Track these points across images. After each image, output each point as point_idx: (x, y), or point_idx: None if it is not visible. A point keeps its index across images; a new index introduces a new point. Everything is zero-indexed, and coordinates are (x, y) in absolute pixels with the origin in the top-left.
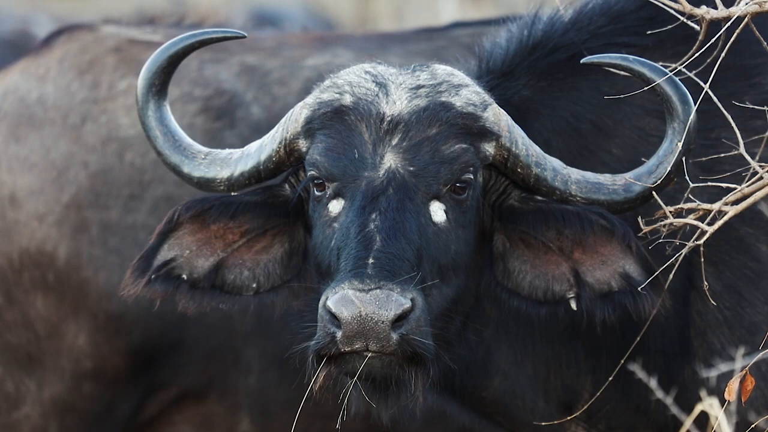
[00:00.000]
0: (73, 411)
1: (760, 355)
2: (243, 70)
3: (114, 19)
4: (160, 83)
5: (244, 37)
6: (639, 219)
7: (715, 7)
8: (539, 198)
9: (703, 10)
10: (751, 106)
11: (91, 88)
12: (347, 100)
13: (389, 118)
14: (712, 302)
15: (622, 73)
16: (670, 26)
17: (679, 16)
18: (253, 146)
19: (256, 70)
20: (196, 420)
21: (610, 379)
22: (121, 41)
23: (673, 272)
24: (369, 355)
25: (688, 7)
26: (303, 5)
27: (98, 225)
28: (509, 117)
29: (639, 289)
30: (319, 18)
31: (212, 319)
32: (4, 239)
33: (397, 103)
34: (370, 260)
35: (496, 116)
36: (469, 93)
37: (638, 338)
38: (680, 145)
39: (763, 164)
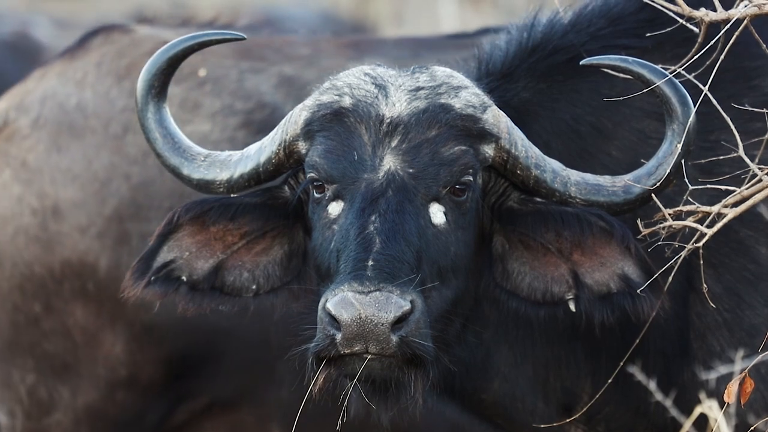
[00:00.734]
0: (105, 418)
1: (759, 358)
2: (281, 81)
3: (148, 19)
4: (160, 85)
5: (244, 39)
6: (638, 221)
7: (715, 10)
8: (538, 200)
9: (702, 13)
10: (751, 109)
11: (130, 96)
12: (347, 102)
13: (389, 120)
14: (712, 304)
15: (622, 75)
16: (670, 28)
17: (679, 19)
18: (253, 148)
19: (293, 82)
20: (225, 428)
21: (610, 381)
22: (158, 44)
23: (672, 274)
24: (369, 357)
25: (687, 10)
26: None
27: (139, 237)
28: (509, 119)
29: (638, 290)
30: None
31: (248, 331)
32: (45, 250)
33: (397, 105)
34: (370, 262)
35: (496, 118)
36: (468, 95)
37: (638, 340)
38: (680, 147)
39: (762, 167)
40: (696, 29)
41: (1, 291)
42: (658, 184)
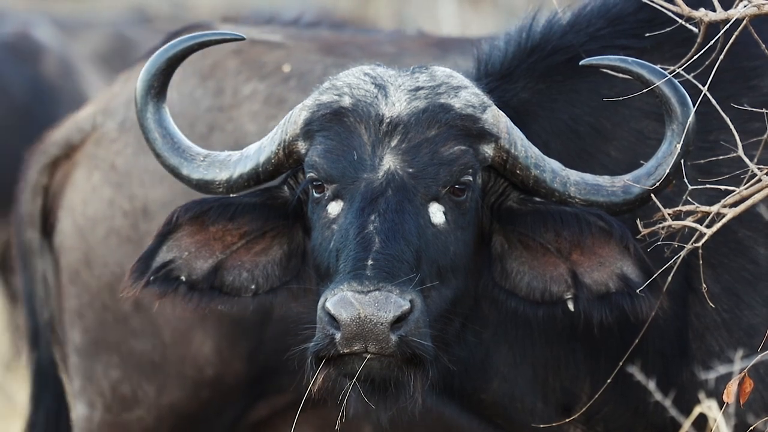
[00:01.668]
0: (187, 416)
1: (758, 358)
2: None
3: (231, 18)
4: (159, 85)
5: (243, 39)
6: (637, 221)
7: (714, 10)
8: (538, 199)
9: (701, 13)
10: (750, 109)
11: (215, 95)
12: (346, 101)
13: (388, 120)
14: (711, 304)
15: (621, 75)
16: (669, 29)
17: (678, 19)
18: (252, 148)
19: None
20: (316, 423)
21: (609, 381)
22: (241, 42)
23: (671, 274)
24: (368, 356)
25: (686, 10)
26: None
27: None
28: (508, 119)
29: (637, 290)
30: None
31: None
32: (137, 250)
33: (396, 105)
34: (369, 262)
35: (495, 118)
36: (468, 95)
37: (637, 340)
38: (679, 147)
39: (761, 166)
40: (695, 29)
41: (90, 290)
42: (657, 184)
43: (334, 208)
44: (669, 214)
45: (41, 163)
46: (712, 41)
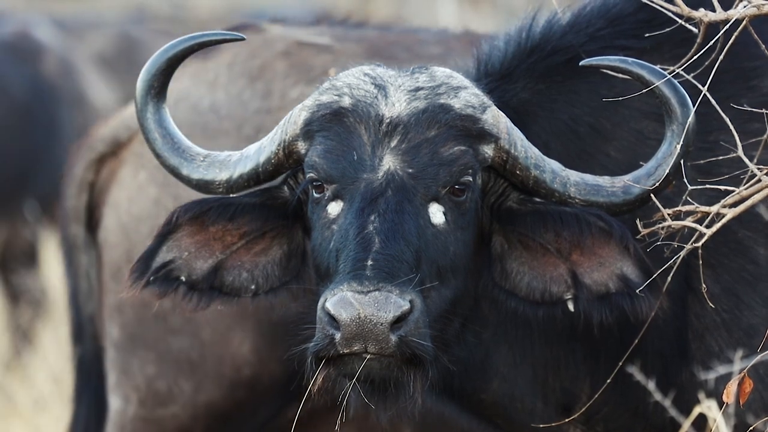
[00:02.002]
0: (222, 416)
1: (758, 358)
2: None
3: (280, 18)
4: (159, 86)
5: (243, 39)
6: (637, 221)
7: (714, 10)
8: (538, 200)
9: (701, 13)
10: (749, 109)
11: (263, 97)
12: (346, 102)
13: (388, 120)
14: (710, 305)
15: (621, 75)
16: (669, 29)
17: (678, 19)
18: (252, 148)
19: None
20: (355, 425)
21: (609, 381)
22: (290, 44)
23: (671, 275)
24: (368, 356)
25: (686, 10)
26: (302, 6)
27: None
28: (508, 119)
29: (637, 291)
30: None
31: None
32: None
33: (396, 105)
34: (369, 262)
35: (495, 118)
36: (467, 95)
37: (636, 340)
38: (679, 147)
39: (761, 167)
40: (695, 30)
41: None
42: (657, 184)
43: (334, 208)
44: (669, 215)
45: (87, 159)
46: (712, 41)
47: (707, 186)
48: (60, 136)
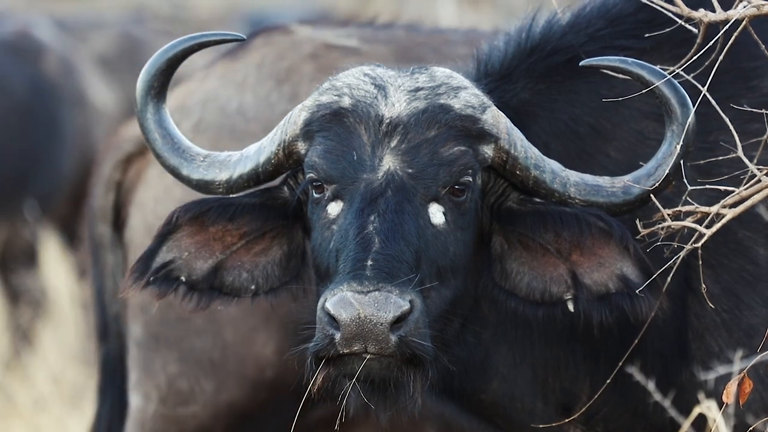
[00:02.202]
0: (243, 415)
1: (758, 358)
2: None
3: (308, 20)
4: (159, 86)
5: (243, 39)
6: (637, 222)
7: (714, 10)
8: (537, 200)
9: (701, 13)
10: (749, 109)
11: (290, 100)
12: (346, 102)
13: (388, 121)
14: (710, 305)
15: (621, 75)
16: (668, 29)
17: (677, 19)
18: (252, 149)
19: None
20: (378, 427)
21: (608, 381)
22: (318, 46)
23: (671, 275)
24: (368, 356)
25: (686, 10)
26: (302, 6)
27: None
28: (508, 119)
29: (637, 291)
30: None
31: None
32: None
33: (396, 106)
34: (369, 262)
35: (495, 118)
36: (467, 95)
37: (636, 341)
38: (679, 147)
39: (761, 167)
40: (695, 30)
41: None
42: (657, 184)
43: (334, 208)
44: (668, 215)
45: (115, 159)
46: (712, 42)
47: (707, 186)
48: (61, 136)
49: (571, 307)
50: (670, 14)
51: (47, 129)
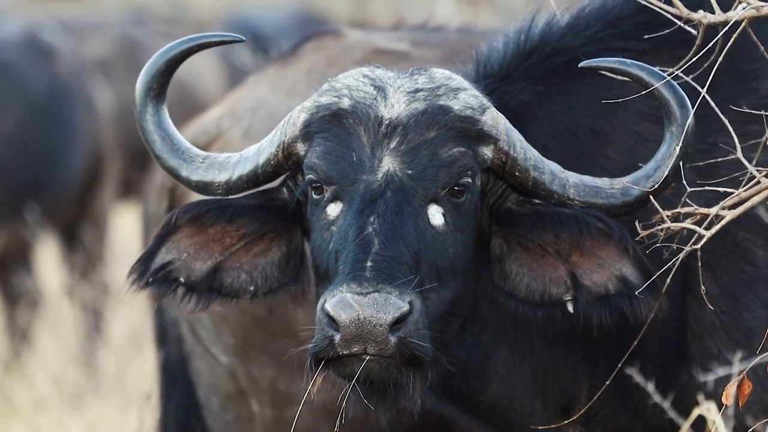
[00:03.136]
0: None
1: (757, 360)
2: None
3: (359, 24)
4: (158, 87)
5: (243, 41)
6: (636, 223)
7: (713, 12)
8: (537, 201)
9: (700, 15)
10: (749, 111)
11: None
12: (345, 103)
13: (387, 122)
14: (710, 306)
15: (620, 77)
16: (667, 31)
17: (677, 21)
18: (251, 150)
19: None
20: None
21: (608, 383)
22: (368, 51)
23: (670, 276)
24: (367, 358)
25: (685, 12)
26: (300, 6)
27: None
28: (507, 121)
29: (636, 292)
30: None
31: None
32: None
33: (396, 107)
34: (369, 263)
35: (494, 120)
36: (467, 96)
37: (635, 342)
38: (678, 149)
39: (760, 168)
40: (694, 31)
41: None
42: (656, 186)
43: (334, 209)
44: (668, 216)
45: None
46: (711, 43)
47: (706, 188)
48: (73, 137)
49: (570, 308)
50: (669, 16)
51: (63, 130)
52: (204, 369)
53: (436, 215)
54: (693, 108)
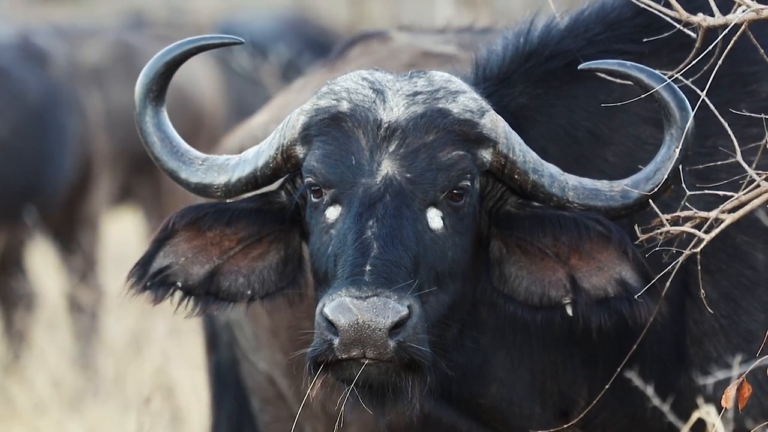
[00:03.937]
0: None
1: (756, 363)
2: None
3: (406, 26)
4: (158, 89)
5: (242, 42)
6: (635, 226)
7: (712, 15)
8: (536, 204)
9: (700, 18)
10: (748, 114)
11: None
12: (344, 106)
13: (386, 125)
14: (709, 310)
15: (620, 79)
16: (667, 33)
17: (676, 24)
18: (251, 152)
19: None
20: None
21: (607, 386)
22: (415, 55)
23: (669, 280)
24: (366, 362)
25: (684, 15)
26: (297, 7)
27: None
28: (506, 123)
29: (635, 295)
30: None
31: None
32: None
33: (395, 110)
34: (368, 267)
35: (493, 123)
36: (466, 99)
37: (635, 346)
38: (677, 151)
39: (760, 172)
40: (693, 34)
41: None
42: (655, 189)
43: (332, 213)
44: (667, 220)
45: None
46: (711, 46)
47: (706, 191)
48: (65, 142)
49: (569, 311)
50: (668, 18)
51: (55, 134)
52: (243, 372)
53: (435, 219)
54: (692, 111)
